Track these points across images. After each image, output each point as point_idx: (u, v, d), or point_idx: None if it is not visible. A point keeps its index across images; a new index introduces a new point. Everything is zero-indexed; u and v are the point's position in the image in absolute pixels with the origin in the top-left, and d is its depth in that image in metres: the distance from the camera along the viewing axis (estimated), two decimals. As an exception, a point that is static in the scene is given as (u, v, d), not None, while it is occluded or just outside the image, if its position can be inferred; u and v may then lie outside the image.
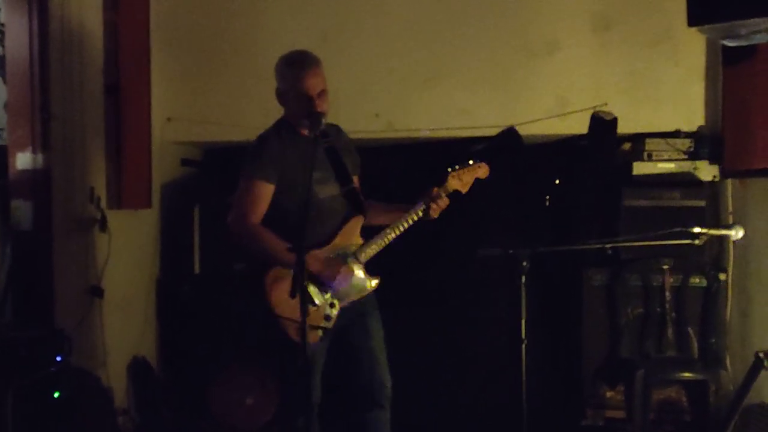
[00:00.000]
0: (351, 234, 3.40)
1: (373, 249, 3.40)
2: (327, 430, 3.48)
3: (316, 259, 3.25)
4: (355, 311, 3.42)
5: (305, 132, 3.29)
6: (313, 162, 3.06)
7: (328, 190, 3.34)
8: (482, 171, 3.49)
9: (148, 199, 4.83)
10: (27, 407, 3.37)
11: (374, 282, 3.42)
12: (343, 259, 3.36)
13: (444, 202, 3.36)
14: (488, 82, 4.83)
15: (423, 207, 3.36)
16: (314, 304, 3.26)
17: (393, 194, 3.54)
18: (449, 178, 3.39)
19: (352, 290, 3.37)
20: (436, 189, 3.36)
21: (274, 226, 3.29)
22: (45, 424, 3.52)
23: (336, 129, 3.50)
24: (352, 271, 3.36)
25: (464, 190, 3.43)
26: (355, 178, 3.43)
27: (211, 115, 5.00)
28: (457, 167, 3.42)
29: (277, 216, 3.32)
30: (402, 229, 3.39)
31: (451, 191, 3.40)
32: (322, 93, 3.31)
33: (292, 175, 3.29)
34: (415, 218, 3.38)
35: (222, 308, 4.94)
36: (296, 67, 3.31)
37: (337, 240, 3.37)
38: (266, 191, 3.31)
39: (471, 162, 3.45)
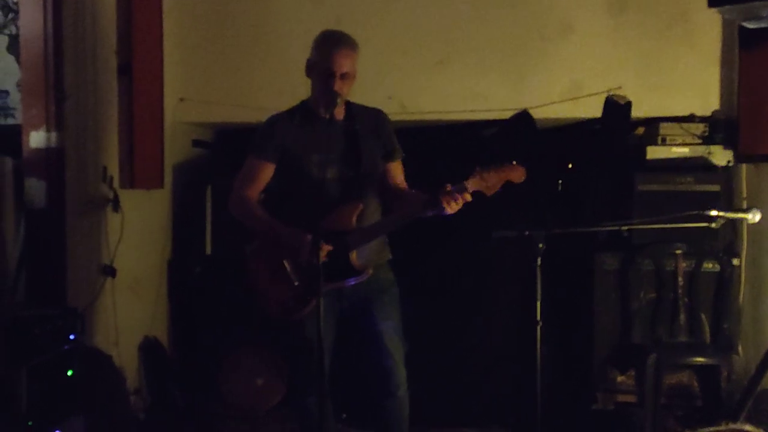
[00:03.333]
0: (345, 218, 3.26)
1: (365, 236, 3.29)
2: (353, 414, 3.49)
3: (297, 238, 3.20)
4: (358, 296, 3.37)
5: (324, 113, 3.29)
6: (318, 144, 3.11)
7: (330, 173, 3.30)
8: (515, 174, 3.21)
9: (160, 179, 4.85)
10: (41, 385, 3.39)
11: (363, 270, 3.28)
12: (330, 242, 3.18)
13: (459, 201, 3.11)
14: (502, 66, 4.80)
15: (430, 205, 3.17)
16: (292, 283, 3.24)
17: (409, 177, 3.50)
18: (471, 177, 3.14)
19: (334, 274, 3.22)
20: (449, 186, 3.12)
21: (279, 204, 3.32)
22: (58, 402, 3.54)
23: (371, 113, 3.47)
24: (337, 256, 3.21)
25: (488, 192, 3.17)
26: (393, 165, 3.43)
27: (223, 96, 5.00)
28: (482, 167, 3.17)
29: (282, 195, 3.37)
30: (400, 224, 3.29)
31: (471, 191, 3.13)
32: (346, 75, 3.28)
33: (295, 156, 3.31)
34: (421, 215, 3.22)
35: (233, 289, 4.95)
36: (330, 43, 3.31)
37: (327, 223, 3.24)
38: (262, 169, 3.37)
39: (502, 164, 3.19)
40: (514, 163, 3.20)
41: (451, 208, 3.10)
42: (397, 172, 3.46)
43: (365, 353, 3.43)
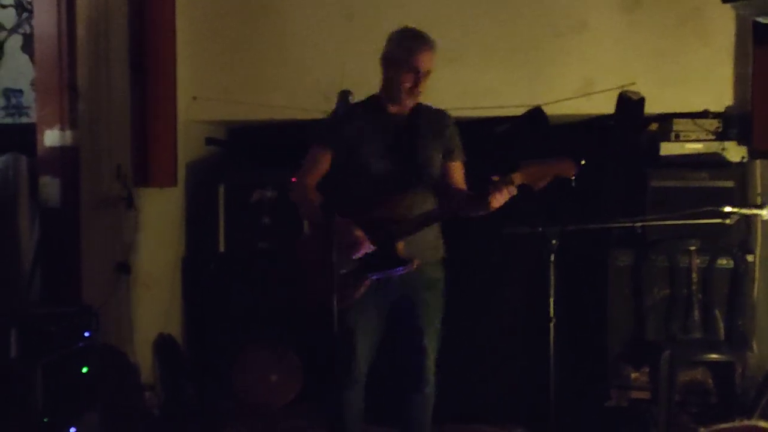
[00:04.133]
0: (393, 209, 3.31)
1: (412, 227, 3.32)
2: (375, 410, 3.52)
3: (346, 226, 3.24)
4: (405, 291, 3.40)
5: (391, 108, 3.38)
6: (377, 135, 3.26)
7: (385, 165, 3.36)
8: (564, 168, 3.22)
9: (173, 177, 4.86)
10: (56, 382, 3.41)
11: (408, 261, 3.30)
12: (374, 232, 3.28)
13: (504, 194, 3.11)
14: (515, 62, 4.80)
15: (476, 200, 3.20)
16: (339, 271, 3.21)
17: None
18: (519, 170, 3.14)
19: (380, 264, 3.30)
20: (497, 177, 3.12)
21: (335, 191, 3.38)
22: (73, 398, 3.56)
23: (436, 112, 3.51)
24: (384, 246, 3.28)
25: (536, 186, 3.16)
26: (453, 165, 3.46)
27: (236, 94, 5.01)
28: (528, 161, 3.19)
29: (337, 183, 3.41)
30: (447, 215, 3.35)
31: (518, 184, 3.13)
32: (427, 73, 3.34)
33: (353, 145, 3.36)
34: (467, 210, 3.27)
35: (246, 286, 4.97)
36: (414, 41, 3.34)
37: (377, 213, 3.31)
38: (322, 156, 3.41)
39: (551, 157, 3.21)
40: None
41: (497, 201, 3.12)
42: (456, 172, 3.48)
43: (401, 347, 3.47)
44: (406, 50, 3.33)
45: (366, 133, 3.37)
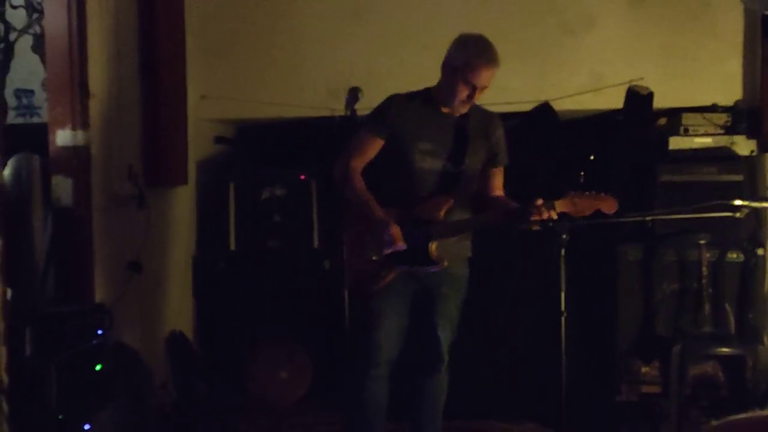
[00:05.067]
0: (435, 209, 3.34)
1: (448, 231, 3.36)
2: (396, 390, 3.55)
3: (384, 222, 3.28)
4: (430, 283, 3.45)
5: (444, 108, 3.40)
6: (428, 133, 3.31)
7: (432, 163, 3.38)
8: (607, 205, 3.22)
9: (184, 176, 4.88)
10: (70, 380, 3.43)
11: (439, 262, 3.34)
12: (412, 229, 3.32)
13: (545, 216, 3.16)
14: (523, 58, 4.79)
15: (517, 216, 3.25)
16: (371, 257, 3.33)
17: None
18: (563, 198, 3.20)
19: (411, 259, 3.34)
20: (541, 201, 3.16)
21: (379, 180, 3.41)
22: (87, 396, 3.58)
23: (487, 116, 3.52)
24: (418, 243, 3.31)
25: (576, 215, 3.20)
26: (496, 170, 3.50)
27: (245, 93, 5.03)
28: (576, 192, 3.22)
29: (382, 173, 3.44)
30: (485, 225, 3.41)
31: (559, 212, 3.18)
32: (484, 88, 3.34)
33: (403, 139, 3.38)
34: (505, 222, 3.34)
35: (257, 284, 4.99)
36: (480, 55, 3.31)
37: (418, 210, 3.35)
38: (372, 143, 3.42)
39: (596, 193, 3.23)
40: (606, 194, 3.25)
41: (536, 220, 3.17)
42: (496, 177, 3.53)
43: (416, 337, 3.52)
44: (471, 63, 3.30)
45: (419, 129, 3.39)
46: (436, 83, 3.47)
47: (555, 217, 3.14)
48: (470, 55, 3.31)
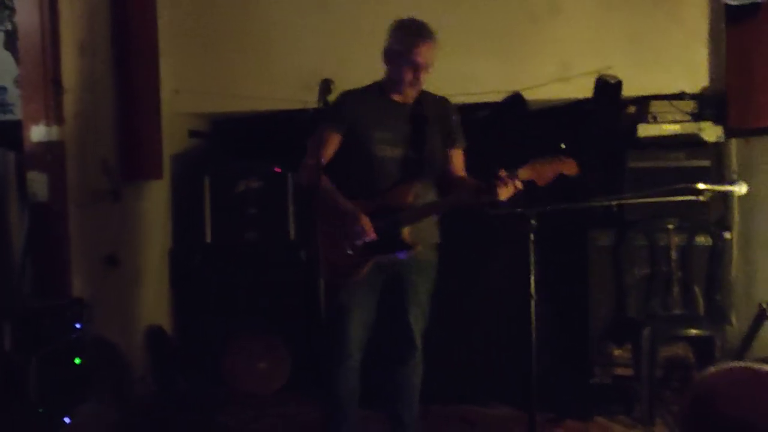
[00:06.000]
0: (402, 195, 3.37)
1: (418, 214, 3.39)
2: (371, 379, 3.58)
3: (353, 214, 3.31)
4: (397, 272, 3.47)
5: (395, 97, 3.42)
6: (385, 123, 3.33)
7: (392, 152, 3.41)
8: (567, 167, 3.25)
9: (159, 170, 4.90)
10: (50, 374, 3.45)
11: (413, 246, 3.36)
12: (383, 217, 3.34)
13: (511, 187, 3.16)
14: (491, 48, 4.84)
15: (485, 192, 3.22)
16: (345, 251, 3.34)
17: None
18: (525, 166, 3.20)
19: (385, 247, 3.36)
20: (503, 172, 3.16)
21: (341, 176, 3.41)
22: (67, 389, 3.61)
23: (439, 100, 3.56)
24: (390, 230, 3.34)
25: (541, 182, 3.21)
26: (454, 152, 3.51)
27: (218, 87, 5.04)
28: (535, 158, 3.22)
29: (344, 167, 3.44)
30: (454, 205, 3.42)
31: (523, 179, 3.18)
32: (427, 66, 3.37)
33: (361, 131, 3.41)
34: (475, 201, 3.30)
35: (234, 277, 5.02)
36: (413, 34, 3.36)
37: (386, 198, 3.38)
38: (331, 138, 3.43)
39: (555, 155, 3.26)
40: (565, 156, 3.28)
41: (504, 194, 3.17)
42: (457, 159, 3.55)
43: (388, 325, 3.55)
44: (407, 45, 3.35)
45: (375, 121, 3.42)
46: (384, 76, 3.50)
47: (520, 186, 3.16)
48: (406, 35, 3.37)
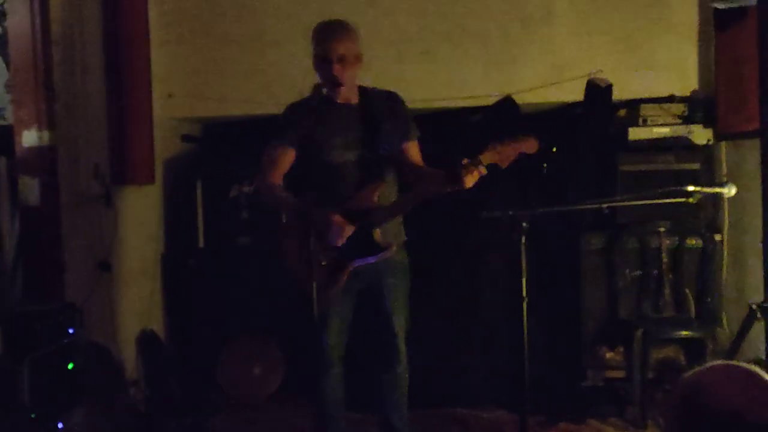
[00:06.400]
0: (367, 197, 3.34)
1: (387, 214, 3.37)
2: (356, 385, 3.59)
3: (324, 215, 3.29)
4: (372, 276, 3.45)
5: (338, 99, 3.40)
6: (336, 128, 3.28)
7: (347, 156, 3.39)
8: (528, 145, 3.21)
9: (151, 174, 4.89)
10: (43, 378, 3.45)
11: (386, 247, 3.36)
12: (353, 223, 3.31)
13: (476, 174, 3.12)
14: (484, 52, 4.86)
15: (450, 181, 3.17)
16: (320, 262, 3.28)
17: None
18: (486, 151, 3.15)
19: (360, 252, 3.34)
20: (465, 160, 3.13)
21: (302, 188, 3.40)
22: (60, 394, 3.60)
23: (385, 95, 3.53)
24: (362, 234, 3.32)
25: (504, 164, 3.17)
26: (409, 145, 3.47)
27: (211, 91, 5.04)
28: (495, 141, 3.17)
29: (304, 179, 3.44)
30: (421, 198, 3.34)
31: (487, 164, 3.14)
32: (343, 58, 3.33)
33: (314, 140, 3.39)
34: (441, 191, 3.24)
35: (227, 281, 5.02)
36: (323, 32, 3.38)
37: (350, 203, 3.34)
38: (282, 154, 3.42)
39: (515, 136, 3.20)
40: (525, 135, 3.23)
41: (470, 182, 3.14)
42: (413, 151, 3.51)
43: (372, 331, 3.54)
44: (319, 43, 3.36)
45: (326, 127, 3.39)
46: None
47: (484, 172, 3.13)
48: (318, 35, 3.38)
